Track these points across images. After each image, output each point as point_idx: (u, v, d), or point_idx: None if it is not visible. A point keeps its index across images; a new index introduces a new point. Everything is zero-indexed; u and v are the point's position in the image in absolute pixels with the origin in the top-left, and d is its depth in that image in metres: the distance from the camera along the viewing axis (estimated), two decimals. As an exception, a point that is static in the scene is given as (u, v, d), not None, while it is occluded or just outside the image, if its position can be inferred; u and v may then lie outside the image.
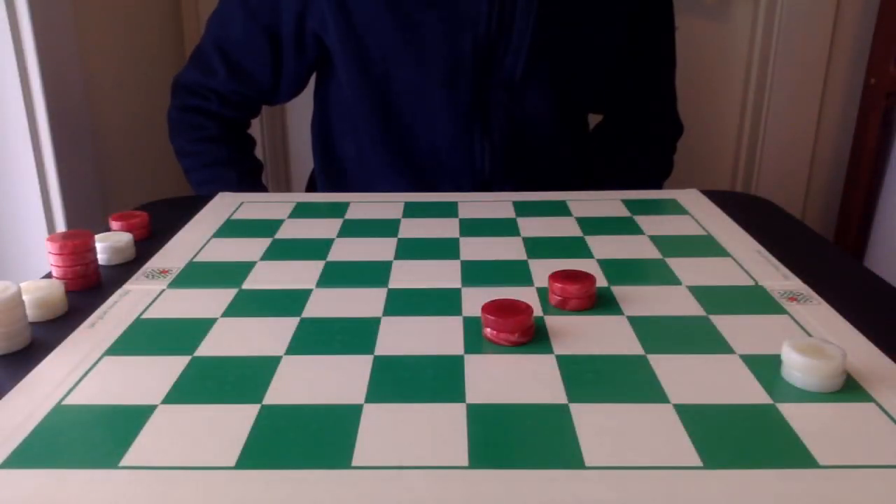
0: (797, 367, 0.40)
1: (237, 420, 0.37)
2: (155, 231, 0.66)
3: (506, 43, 0.79)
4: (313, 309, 0.50)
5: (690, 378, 0.41)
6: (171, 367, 0.43)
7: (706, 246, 0.61)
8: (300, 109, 1.34)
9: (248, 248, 0.62)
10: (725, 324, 0.47)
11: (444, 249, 0.61)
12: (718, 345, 0.45)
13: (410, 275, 0.56)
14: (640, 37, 0.88)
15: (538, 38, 0.79)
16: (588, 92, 0.89)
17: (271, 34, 0.83)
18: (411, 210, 0.71)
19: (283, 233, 0.65)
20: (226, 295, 0.53)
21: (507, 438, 0.36)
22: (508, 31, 0.79)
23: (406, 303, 0.51)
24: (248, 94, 0.88)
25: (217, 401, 0.39)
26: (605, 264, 0.57)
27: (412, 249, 0.61)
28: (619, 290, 0.52)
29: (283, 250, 0.61)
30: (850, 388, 0.40)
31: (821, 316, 0.48)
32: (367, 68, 0.81)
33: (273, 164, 1.46)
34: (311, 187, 1.02)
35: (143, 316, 0.50)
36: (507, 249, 0.60)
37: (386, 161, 0.85)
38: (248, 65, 0.86)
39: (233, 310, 0.50)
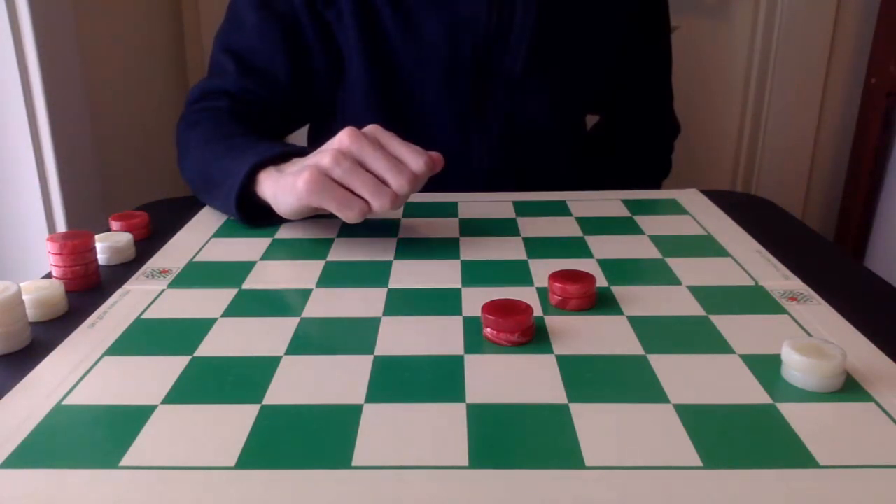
0: (797, 367, 0.40)
1: (237, 420, 0.37)
2: (155, 231, 0.66)
3: (504, 44, 0.79)
4: (313, 309, 0.50)
5: (690, 378, 0.41)
6: (171, 367, 0.43)
7: (706, 246, 0.61)
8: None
9: (248, 248, 0.62)
10: (725, 324, 0.47)
11: (444, 249, 0.61)
12: (718, 345, 0.45)
13: (410, 275, 0.56)
14: (637, 37, 0.88)
15: (537, 40, 0.79)
16: (586, 92, 0.90)
17: (286, 25, 0.79)
18: (411, 210, 0.71)
19: (283, 233, 0.65)
20: (226, 295, 0.53)
21: (507, 438, 0.36)
22: (507, 32, 0.79)
23: (406, 303, 0.51)
24: (261, 94, 0.80)
25: (217, 401, 0.39)
26: (605, 264, 0.57)
27: (412, 249, 0.61)
28: (619, 290, 0.52)
29: (283, 250, 0.61)
30: (850, 388, 0.40)
31: (821, 316, 0.48)
32: (373, 66, 0.80)
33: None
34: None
35: (143, 316, 0.50)
36: (507, 249, 0.60)
37: None
38: (262, 58, 0.79)
39: (233, 310, 0.50)
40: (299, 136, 0.95)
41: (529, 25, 0.78)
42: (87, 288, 0.55)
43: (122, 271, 0.57)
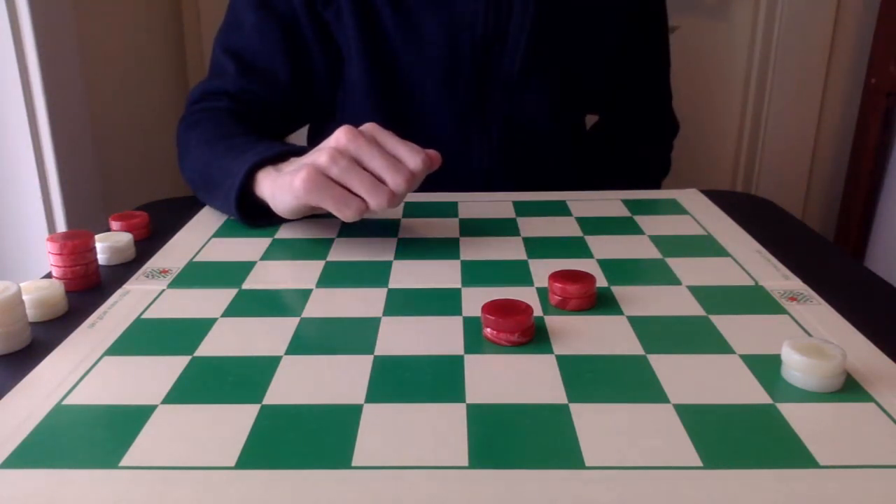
0: (797, 367, 0.40)
1: (237, 420, 0.37)
2: (155, 231, 0.66)
3: (502, 44, 0.79)
4: (313, 309, 0.50)
5: (690, 378, 0.41)
6: (171, 367, 0.43)
7: (706, 246, 0.61)
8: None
9: (248, 248, 0.62)
10: (725, 324, 0.47)
11: (444, 249, 0.61)
12: (718, 345, 0.45)
13: (410, 275, 0.56)
14: (636, 37, 0.88)
15: (535, 40, 0.79)
16: (586, 92, 0.90)
17: (286, 25, 0.79)
18: (411, 210, 0.71)
19: (283, 233, 0.65)
20: (226, 295, 0.53)
21: (507, 438, 0.36)
22: (505, 32, 0.79)
23: (406, 303, 0.51)
24: (261, 94, 0.80)
25: (217, 401, 0.39)
26: (605, 264, 0.57)
27: (412, 249, 0.61)
28: (619, 290, 0.52)
29: (283, 250, 0.61)
30: (850, 388, 0.40)
31: (821, 316, 0.48)
32: (373, 66, 0.80)
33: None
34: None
35: (143, 316, 0.50)
36: (507, 249, 0.60)
37: None
38: (262, 58, 0.80)
39: (233, 310, 0.50)
40: (299, 136, 0.95)
41: (527, 26, 0.78)
42: (87, 288, 0.55)
43: (122, 271, 0.57)
